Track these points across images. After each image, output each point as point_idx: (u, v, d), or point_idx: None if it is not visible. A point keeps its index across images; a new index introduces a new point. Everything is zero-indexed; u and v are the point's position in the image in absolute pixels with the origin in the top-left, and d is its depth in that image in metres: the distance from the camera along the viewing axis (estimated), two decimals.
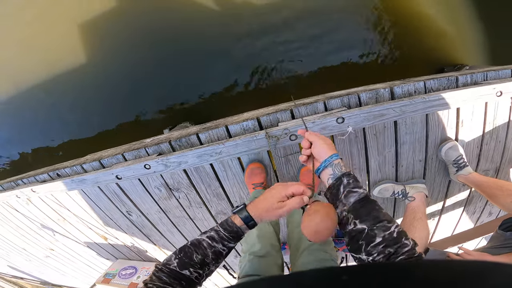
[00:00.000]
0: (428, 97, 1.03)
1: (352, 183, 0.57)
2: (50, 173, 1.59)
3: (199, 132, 1.24)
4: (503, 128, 1.24)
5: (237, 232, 0.60)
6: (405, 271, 0.28)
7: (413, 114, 1.07)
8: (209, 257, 0.58)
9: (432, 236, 1.81)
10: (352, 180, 0.58)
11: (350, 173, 0.60)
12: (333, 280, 0.27)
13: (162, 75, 2.43)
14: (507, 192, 1.12)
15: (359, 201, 0.55)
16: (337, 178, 0.59)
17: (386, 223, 0.50)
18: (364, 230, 0.51)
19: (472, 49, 2.23)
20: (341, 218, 0.57)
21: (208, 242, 0.59)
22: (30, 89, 2.60)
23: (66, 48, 2.45)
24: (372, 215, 0.52)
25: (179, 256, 0.57)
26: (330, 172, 0.61)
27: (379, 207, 0.54)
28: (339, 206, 0.57)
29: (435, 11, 2.18)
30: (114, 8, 2.32)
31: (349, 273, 0.27)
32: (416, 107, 1.05)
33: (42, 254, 2.29)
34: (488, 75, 1.14)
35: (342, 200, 0.57)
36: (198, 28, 2.31)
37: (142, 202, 1.53)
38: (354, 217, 0.53)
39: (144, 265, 1.99)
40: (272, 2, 2.24)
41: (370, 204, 0.54)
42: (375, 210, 0.53)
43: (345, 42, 2.27)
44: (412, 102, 1.04)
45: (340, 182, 0.58)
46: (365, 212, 0.53)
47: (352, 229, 0.53)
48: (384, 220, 0.51)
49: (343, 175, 0.59)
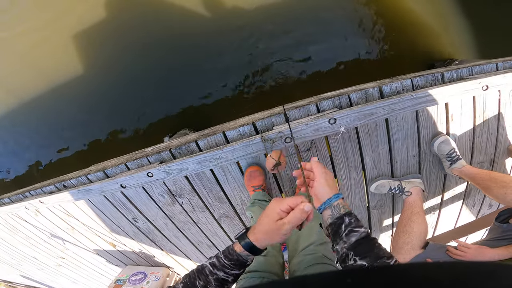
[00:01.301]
0: (415, 94, 1.06)
1: (353, 222, 0.58)
2: (56, 185, 1.65)
3: (198, 139, 1.29)
4: (494, 120, 1.26)
5: (237, 260, 0.58)
6: (408, 272, 0.27)
7: (402, 111, 1.10)
8: (211, 283, 0.57)
9: (434, 230, 1.83)
10: (353, 220, 0.59)
11: (351, 212, 0.61)
12: (337, 283, 0.27)
13: (159, 83, 2.50)
14: (501, 183, 1.14)
15: (360, 240, 0.56)
16: (338, 217, 0.60)
17: (386, 259, 0.52)
18: (363, 266, 0.52)
19: (460, 44, 2.25)
20: (341, 253, 0.58)
21: (210, 268, 0.58)
22: (29, 101, 2.67)
23: (64, 60, 2.51)
24: (372, 252, 0.53)
25: (184, 281, 0.58)
26: (329, 213, 0.62)
27: (379, 245, 0.56)
28: (340, 243, 0.58)
29: (422, 9, 2.22)
30: (110, 17, 2.39)
31: (352, 276, 0.27)
32: (404, 105, 1.08)
33: (53, 262, 2.36)
34: (474, 70, 1.17)
35: (343, 238, 0.58)
36: (195, 37, 2.38)
37: (147, 209, 1.58)
38: (355, 254, 0.54)
39: (152, 270, 2.04)
40: (264, 8, 2.30)
41: (370, 242, 0.56)
42: (376, 247, 0.54)
43: (335, 43, 2.32)
44: (401, 100, 1.08)
45: (342, 222, 0.59)
46: (365, 249, 0.54)
47: (352, 264, 0.54)
48: (383, 256, 0.52)
49: (344, 215, 0.60)
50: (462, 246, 1.13)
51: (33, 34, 2.46)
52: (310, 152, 1.31)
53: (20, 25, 2.45)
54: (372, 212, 1.63)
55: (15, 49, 2.53)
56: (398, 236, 1.23)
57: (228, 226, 1.66)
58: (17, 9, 2.42)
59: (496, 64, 1.17)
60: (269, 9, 2.30)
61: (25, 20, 2.44)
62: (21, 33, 2.46)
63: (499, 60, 1.20)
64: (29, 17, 2.44)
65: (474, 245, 1.17)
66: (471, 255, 1.11)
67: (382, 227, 1.74)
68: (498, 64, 1.17)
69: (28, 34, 2.46)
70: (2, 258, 2.47)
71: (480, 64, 1.17)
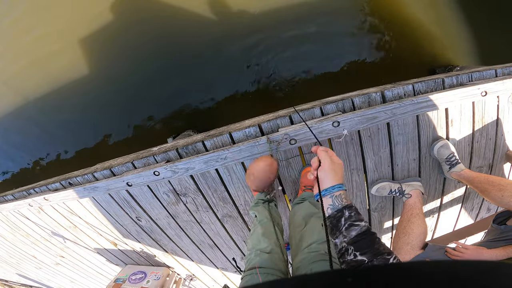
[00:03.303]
0: (416, 99, 1.10)
1: (354, 216, 0.58)
2: (62, 182, 1.66)
3: (204, 140, 1.32)
4: (492, 126, 1.30)
5: None
6: (408, 271, 0.27)
7: (403, 116, 1.14)
8: None
9: (433, 233, 1.86)
10: (354, 213, 0.58)
11: (351, 205, 0.60)
12: (338, 282, 0.27)
13: (163, 84, 2.54)
14: (498, 186, 1.17)
15: (360, 234, 0.56)
16: (339, 210, 0.59)
17: (386, 255, 0.52)
18: (364, 261, 0.52)
19: (461, 50, 2.32)
20: (340, 248, 0.58)
21: None
22: (35, 101, 2.71)
23: (70, 62, 2.56)
24: (373, 247, 0.53)
25: None
26: (330, 202, 0.61)
27: (379, 240, 0.56)
28: (339, 237, 0.58)
29: (425, 16, 2.28)
30: (114, 20, 2.43)
31: (354, 275, 0.27)
32: (406, 109, 1.12)
33: (52, 261, 2.35)
34: (473, 76, 1.21)
35: (343, 232, 0.57)
36: (198, 39, 2.42)
37: (151, 208, 1.60)
38: (355, 249, 0.54)
39: (153, 270, 2.05)
40: (267, 14, 2.35)
41: (371, 236, 0.56)
42: (376, 243, 0.54)
43: (340, 49, 2.37)
44: (402, 104, 1.11)
45: (342, 215, 0.59)
46: (365, 245, 0.54)
47: (352, 259, 0.54)
48: (384, 252, 0.52)
49: (344, 208, 0.59)
50: (460, 247, 1.16)
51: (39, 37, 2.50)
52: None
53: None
54: (372, 214, 1.65)
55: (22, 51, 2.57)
56: (398, 237, 1.26)
57: (231, 226, 1.68)
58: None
59: (495, 71, 1.21)
60: (273, 15, 2.36)
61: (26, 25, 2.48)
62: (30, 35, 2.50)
63: (498, 66, 1.25)
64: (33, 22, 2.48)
65: (472, 246, 1.20)
66: (469, 255, 1.13)
67: (383, 229, 1.76)
68: (497, 71, 1.21)
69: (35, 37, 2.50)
70: (1, 257, 2.46)
71: (480, 71, 1.22)
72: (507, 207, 1.17)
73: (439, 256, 1.17)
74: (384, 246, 0.55)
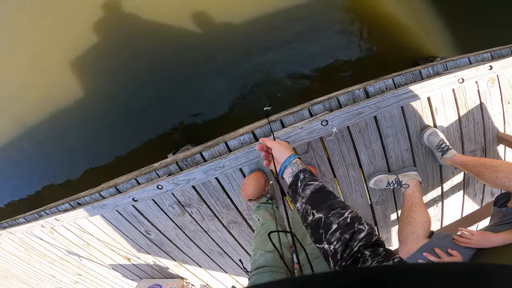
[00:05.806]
0: (397, 92, 1.15)
1: (307, 177, 0.61)
2: (70, 203, 1.75)
3: (202, 151, 1.39)
4: (477, 110, 1.34)
5: None
6: (408, 272, 0.27)
7: (388, 108, 1.19)
8: None
9: (441, 222, 1.85)
10: (308, 175, 0.62)
11: (306, 169, 0.64)
12: (336, 284, 0.26)
13: (160, 102, 2.65)
14: (491, 168, 1.18)
15: (315, 191, 0.57)
16: (295, 175, 0.63)
17: (340, 209, 0.52)
18: (321, 218, 0.53)
19: (441, 42, 2.37)
20: (302, 211, 0.58)
21: None
22: (32, 125, 2.85)
23: (65, 84, 2.69)
24: (327, 203, 0.54)
25: None
26: (290, 171, 0.65)
27: (334, 196, 0.57)
28: (299, 200, 0.60)
29: (401, 11, 2.36)
30: (108, 40, 2.57)
31: (352, 276, 0.27)
32: (389, 102, 1.17)
33: (70, 280, 2.42)
34: (448, 65, 1.26)
35: (300, 193, 0.59)
36: (190, 55, 2.54)
37: (158, 221, 1.66)
38: (311, 207, 0.55)
39: (168, 282, 2.09)
40: (256, 23, 2.47)
41: (325, 193, 0.57)
42: (330, 198, 0.55)
43: (323, 49, 2.46)
44: (385, 98, 1.17)
45: (298, 178, 0.62)
46: (320, 201, 0.55)
47: (312, 219, 0.55)
48: (338, 207, 0.53)
49: (299, 171, 0.62)
50: (465, 233, 1.14)
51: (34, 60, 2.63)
52: (308, 154, 1.39)
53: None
54: (375, 208, 1.68)
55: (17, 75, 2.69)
56: (402, 227, 1.25)
57: (237, 232, 1.72)
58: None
59: (468, 58, 1.26)
60: (261, 24, 2.47)
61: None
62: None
63: (471, 54, 1.29)
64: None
65: (478, 231, 1.17)
66: (476, 241, 1.11)
67: (388, 223, 1.77)
68: (470, 58, 1.26)
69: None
70: (20, 278, 2.54)
71: (454, 59, 1.27)
72: (503, 188, 1.16)
73: (446, 243, 1.15)
74: (339, 201, 0.55)
